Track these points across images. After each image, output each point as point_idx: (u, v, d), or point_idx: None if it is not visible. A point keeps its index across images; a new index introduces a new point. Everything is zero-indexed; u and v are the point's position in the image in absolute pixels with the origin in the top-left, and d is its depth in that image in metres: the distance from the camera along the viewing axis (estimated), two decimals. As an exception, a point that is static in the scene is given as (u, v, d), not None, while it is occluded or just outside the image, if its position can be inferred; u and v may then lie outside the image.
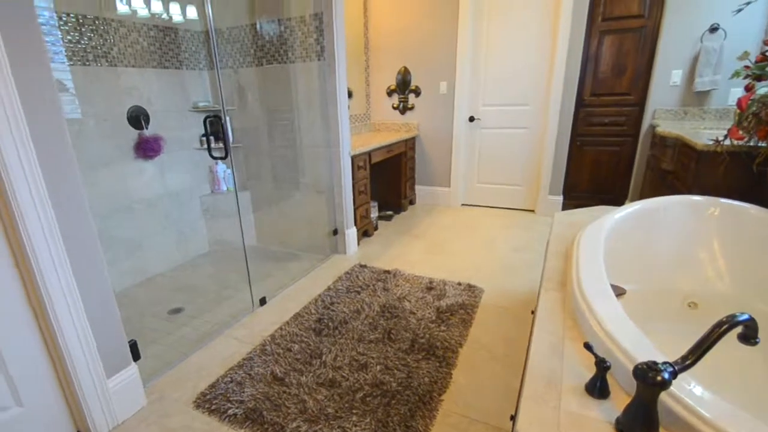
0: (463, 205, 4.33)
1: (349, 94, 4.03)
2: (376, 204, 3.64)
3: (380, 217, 3.90)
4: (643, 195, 3.37)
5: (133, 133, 2.58)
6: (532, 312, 1.83)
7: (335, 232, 3.12)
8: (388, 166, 4.02)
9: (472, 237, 3.47)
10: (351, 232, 3.15)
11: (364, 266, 2.91)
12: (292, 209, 3.29)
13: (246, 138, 3.25)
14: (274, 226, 3.39)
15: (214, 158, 2.31)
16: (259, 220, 3.40)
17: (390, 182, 4.09)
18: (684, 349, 0.82)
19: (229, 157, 2.14)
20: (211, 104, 3.07)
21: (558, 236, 2.04)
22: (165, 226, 2.93)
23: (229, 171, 3.27)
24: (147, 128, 2.57)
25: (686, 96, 3.34)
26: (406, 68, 4.10)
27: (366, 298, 2.46)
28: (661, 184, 3.01)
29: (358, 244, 3.30)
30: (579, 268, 1.45)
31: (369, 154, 3.28)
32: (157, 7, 2.69)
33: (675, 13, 3.20)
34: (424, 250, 3.24)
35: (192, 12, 2.89)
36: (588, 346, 0.92)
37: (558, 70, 3.59)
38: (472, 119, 4.04)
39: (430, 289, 2.57)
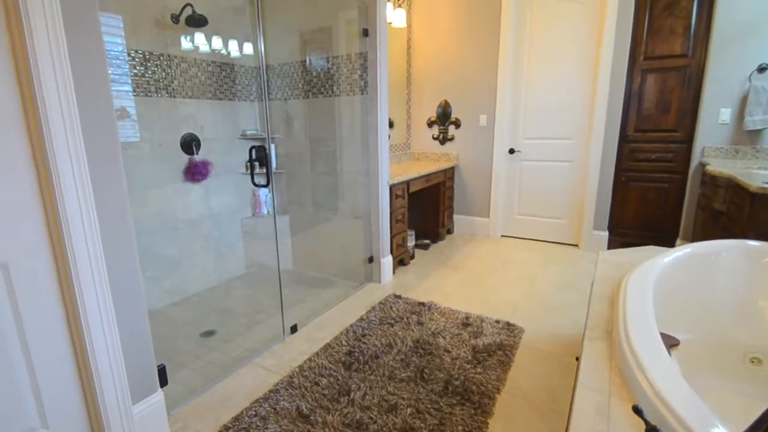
0: (502, 236, 4.18)
1: (390, 124, 4.03)
2: (413, 232, 3.55)
3: (417, 246, 3.80)
4: (695, 235, 3.10)
5: (184, 158, 2.64)
6: (577, 359, 1.66)
7: (371, 259, 3.04)
8: (427, 195, 3.94)
9: (511, 271, 3.30)
10: (386, 261, 3.06)
11: (399, 297, 2.80)
12: (329, 235, 3.27)
13: (289, 164, 3.29)
14: (311, 251, 3.37)
15: (256, 185, 2.32)
16: (296, 244, 3.39)
17: (428, 211, 4.01)
18: (747, 412, 0.66)
19: (270, 184, 2.13)
20: (258, 132, 3.13)
21: (604, 278, 1.87)
22: (205, 246, 2.96)
23: (270, 195, 3.29)
24: (197, 153, 2.63)
25: (736, 134, 3.11)
26: (446, 101, 4.07)
27: (399, 332, 2.34)
28: (713, 224, 2.76)
29: (394, 272, 3.20)
30: (627, 317, 1.31)
31: (407, 183, 3.23)
32: (217, 43, 2.80)
33: (721, 54, 3.03)
34: (461, 282, 3.09)
35: (248, 48, 3.00)
36: (637, 410, 0.80)
37: (600, 105, 3.45)
38: (512, 151, 3.93)
39: (466, 325, 2.42)
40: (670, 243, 3.50)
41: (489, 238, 4.14)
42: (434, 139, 4.25)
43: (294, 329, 2.41)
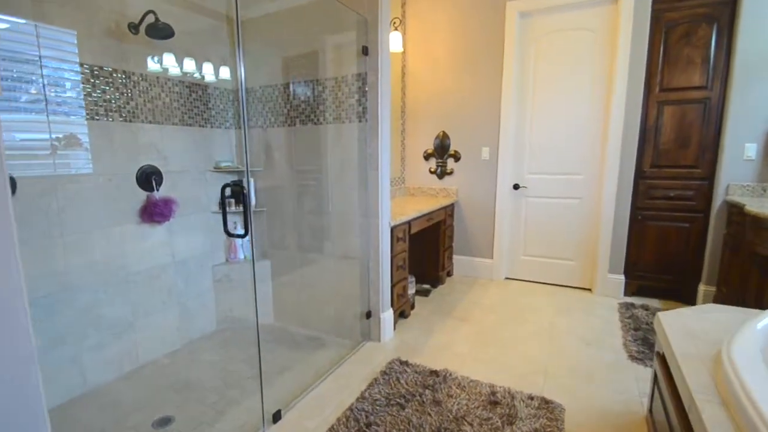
0: (507, 278, 3.71)
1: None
2: (413, 279, 3.04)
3: (417, 292, 3.28)
4: (728, 280, 2.72)
5: (140, 195, 2.07)
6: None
7: (368, 314, 2.50)
8: (426, 235, 3.47)
9: (526, 322, 2.81)
10: (387, 316, 2.53)
11: (405, 363, 2.25)
12: (318, 285, 2.70)
13: (271, 201, 2.76)
14: (297, 304, 2.79)
15: (230, 235, 1.77)
16: (279, 295, 2.81)
17: (428, 252, 3.52)
18: None
19: (249, 230, 1.59)
20: (234, 165, 2.60)
21: (685, 356, 1.40)
22: (166, 301, 2.35)
23: (247, 238, 2.73)
24: (158, 190, 2.07)
25: (764, 171, 2.80)
26: (444, 133, 3.68)
27: (413, 417, 1.79)
28: (755, 270, 2.37)
29: (395, 327, 2.66)
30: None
31: (409, 223, 2.74)
32: (189, 66, 2.31)
33: (743, 85, 2.76)
34: (473, 338, 2.58)
35: (225, 72, 2.51)
36: None
37: (613, 138, 3.11)
38: (516, 187, 3.53)
39: (494, 404, 1.89)
40: (692, 287, 3.13)
41: (492, 281, 3.67)
42: (431, 173, 3.82)
43: (277, 417, 1.80)
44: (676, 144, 3.05)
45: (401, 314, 2.84)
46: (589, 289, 3.43)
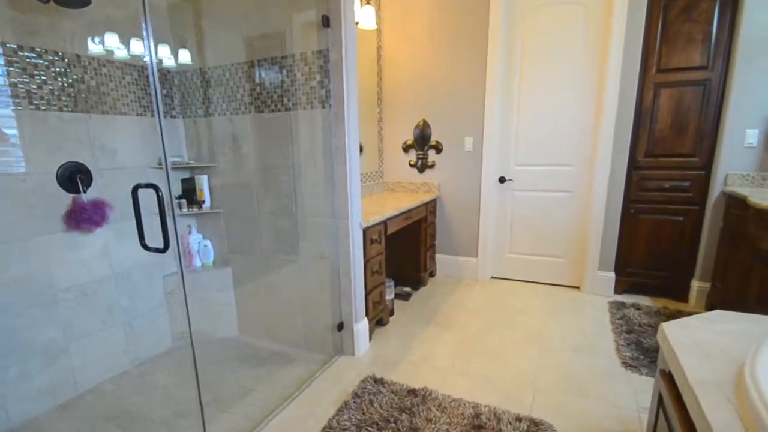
0: (492, 278, 3.48)
1: (360, 149, 3.30)
2: (391, 283, 2.78)
3: (397, 296, 3.03)
4: (724, 276, 2.53)
5: (65, 198, 1.75)
6: None
7: (341, 326, 2.24)
8: (406, 234, 3.21)
9: (512, 327, 2.59)
10: (361, 327, 2.27)
11: (380, 381, 2.00)
12: (286, 294, 2.42)
13: (229, 202, 2.44)
14: (262, 315, 2.51)
15: (147, 249, 1.46)
16: (243, 305, 2.52)
17: (408, 253, 3.26)
18: None
19: (168, 248, 1.31)
20: (184, 160, 2.28)
21: (699, 382, 1.17)
22: (106, 319, 2.05)
23: (207, 243, 2.43)
24: (85, 191, 1.75)
25: (765, 159, 2.60)
26: (425, 122, 3.40)
27: (387, 452, 1.54)
28: (760, 267, 2.17)
29: (370, 337, 2.41)
30: None
31: (384, 223, 2.47)
32: (137, 48, 1.98)
33: (746, 65, 2.54)
34: (456, 348, 2.34)
35: (165, 51, 2.18)
36: None
37: (606, 126, 2.88)
38: (503, 180, 3.28)
39: (478, 428, 1.66)
40: (684, 284, 2.94)
41: (477, 280, 3.44)
42: (411, 166, 3.55)
43: (227, 457, 1.55)
44: (673, 131, 2.83)
45: (379, 322, 2.59)
46: (578, 287, 3.22)
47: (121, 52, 2.04)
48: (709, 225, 2.78)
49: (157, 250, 1.35)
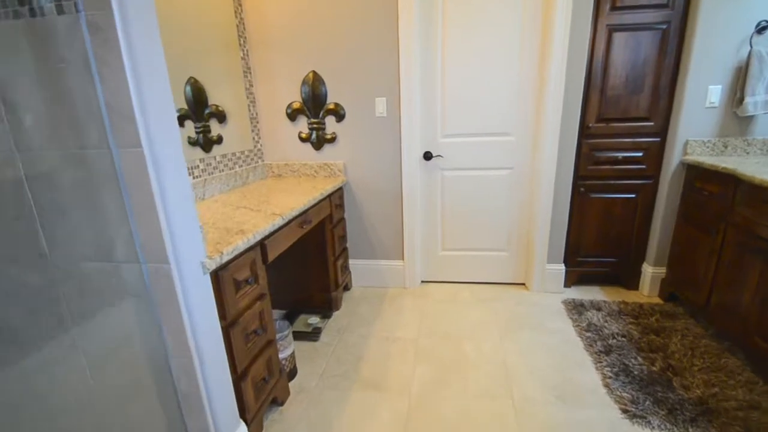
0: (423, 282, 2.67)
1: (221, 118, 2.11)
2: (287, 329, 1.75)
3: (300, 337, 2.02)
4: (686, 263, 2.10)
5: None
6: None
7: (194, 455, 1.16)
8: (304, 243, 2.17)
9: (467, 367, 1.81)
10: (236, 444, 1.23)
11: None
12: (57, 418, 1.21)
13: None
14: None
15: None
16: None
17: (310, 268, 2.25)
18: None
19: None
20: None
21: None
22: None
23: None
24: None
25: (726, 122, 2.19)
26: (316, 75, 2.31)
27: None
28: (761, 260, 1.71)
29: (258, 442, 1.39)
30: None
31: (262, 246, 1.41)
32: None
33: (711, 5, 2.02)
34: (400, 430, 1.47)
35: None
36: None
37: (553, 83, 2.18)
38: (428, 156, 2.42)
39: None
40: (635, 270, 2.52)
41: (406, 289, 2.60)
42: (303, 140, 2.46)
43: None
44: (628, 88, 2.26)
45: (273, 401, 1.58)
46: (524, 284, 2.62)
47: None
48: (665, 201, 2.33)
49: None
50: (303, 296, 2.29)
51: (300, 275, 2.27)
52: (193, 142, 1.94)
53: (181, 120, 1.87)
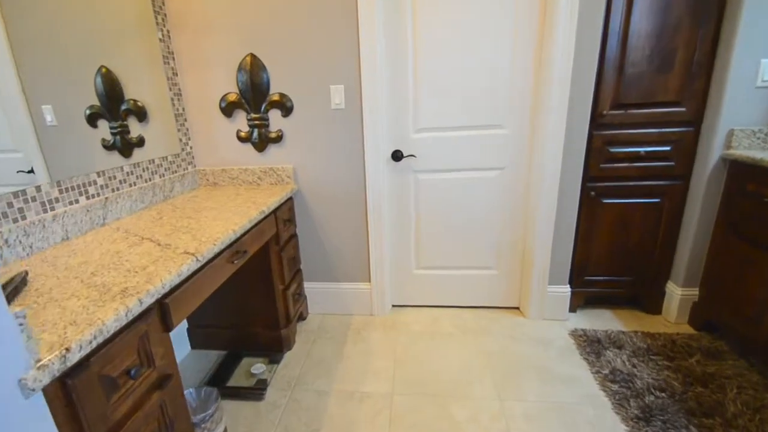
0: (394, 307, 2.21)
1: (141, 115, 1.66)
2: (213, 396, 1.32)
3: (239, 393, 1.59)
4: (725, 284, 1.62)
5: None
6: None
7: None
8: (243, 270, 1.73)
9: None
10: None
11: None
12: None
13: None
14: None
15: None
16: None
17: (252, 300, 1.80)
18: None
19: None
20: None
21: None
22: None
23: None
24: None
25: (780, 106, 1.67)
26: (254, 59, 1.83)
27: None
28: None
29: None
30: None
31: (162, 305, 0.96)
32: None
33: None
34: None
35: None
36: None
37: (558, 59, 1.67)
38: (398, 156, 1.93)
39: None
40: (657, 290, 2.04)
41: (374, 318, 2.14)
42: (243, 140, 1.98)
43: None
44: (653, 65, 1.74)
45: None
46: (518, 308, 2.15)
47: None
48: (699, 208, 1.83)
49: None
50: (245, 333, 1.85)
51: (240, 308, 1.83)
52: (109, 146, 1.52)
53: (93, 119, 1.45)
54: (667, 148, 1.83)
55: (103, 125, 1.51)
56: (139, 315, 0.90)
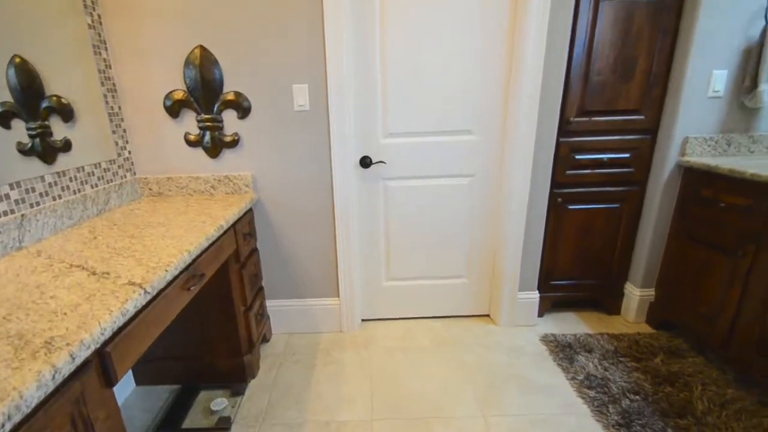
0: (364, 321, 2.09)
1: (67, 114, 1.39)
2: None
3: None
4: (683, 287, 1.69)
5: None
6: None
7: None
8: (201, 293, 1.51)
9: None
10: None
11: None
12: None
13: None
14: None
15: None
16: None
17: (210, 326, 1.59)
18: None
19: None
20: None
21: None
22: None
23: None
24: None
25: (731, 114, 1.77)
26: (204, 51, 1.61)
27: None
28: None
29: None
30: None
31: (102, 354, 0.74)
32: None
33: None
34: None
35: None
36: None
37: (529, 63, 1.65)
38: (367, 163, 1.81)
39: None
40: (617, 291, 2.11)
41: (344, 335, 2.00)
42: (192, 144, 1.75)
43: None
44: (616, 72, 1.77)
45: None
46: (488, 316, 2.13)
47: None
48: (656, 212, 1.90)
49: None
50: (202, 364, 1.64)
51: (195, 336, 1.61)
52: (26, 151, 1.24)
53: (5, 118, 1.18)
54: (627, 155, 1.88)
55: (19, 126, 1.24)
56: (72, 373, 0.71)
